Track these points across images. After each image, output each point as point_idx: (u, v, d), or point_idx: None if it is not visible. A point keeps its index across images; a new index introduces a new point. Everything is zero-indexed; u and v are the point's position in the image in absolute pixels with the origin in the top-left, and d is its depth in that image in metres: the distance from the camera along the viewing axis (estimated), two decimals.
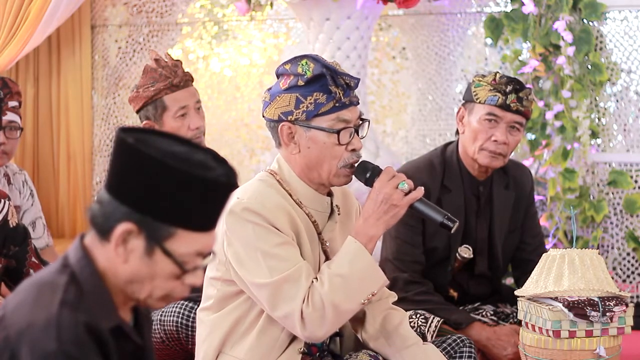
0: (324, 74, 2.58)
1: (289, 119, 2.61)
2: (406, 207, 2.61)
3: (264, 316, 2.62)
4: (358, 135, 2.65)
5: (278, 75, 2.67)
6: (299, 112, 2.60)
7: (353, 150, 2.64)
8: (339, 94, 2.59)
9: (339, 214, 2.75)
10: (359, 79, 2.67)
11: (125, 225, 1.77)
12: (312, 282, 2.56)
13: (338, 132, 2.60)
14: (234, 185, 1.82)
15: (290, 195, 2.65)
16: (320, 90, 2.58)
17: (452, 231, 2.66)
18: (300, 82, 2.59)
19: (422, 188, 2.64)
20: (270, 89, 2.68)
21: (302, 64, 2.61)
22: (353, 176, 2.68)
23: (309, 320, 2.53)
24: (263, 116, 2.68)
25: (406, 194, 2.61)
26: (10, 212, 2.98)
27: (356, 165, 2.67)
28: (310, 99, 2.59)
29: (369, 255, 2.59)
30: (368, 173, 2.66)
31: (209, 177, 1.77)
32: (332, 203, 2.74)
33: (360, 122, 2.66)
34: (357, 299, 2.58)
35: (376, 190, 2.61)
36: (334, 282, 2.54)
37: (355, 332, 2.82)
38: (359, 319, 2.80)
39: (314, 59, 2.61)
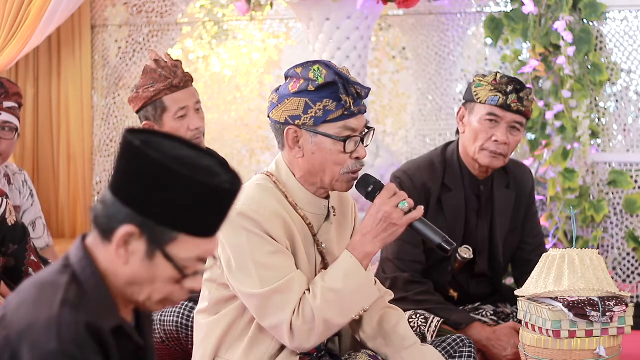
0: (335, 81, 2.57)
1: (296, 123, 2.59)
2: (405, 226, 2.61)
3: (257, 321, 2.62)
4: (363, 143, 2.65)
5: (287, 77, 2.65)
6: (307, 117, 2.58)
7: (357, 158, 2.64)
8: (349, 102, 2.58)
9: (334, 215, 2.75)
10: (369, 89, 2.65)
11: (127, 228, 1.77)
12: (305, 293, 2.55)
13: (344, 140, 2.59)
14: (238, 193, 1.81)
15: (286, 197, 2.64)
16: (331, 97, 2.57)
17: (449, 254, 2.67)
18: (311, 87, 2.57)
19: (422, 208, 2.63)
20: (278, 89, 2.66)
21: (314, 70, 2.59)
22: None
23: (298, 332, 2.54)
24: (269, 117, 2.66)
25: (406, 213, 2.60)
26: (8, 210, 2.98)
27: (359, 177, 2.67)
28: (320, 105, 2.57)
29: (364, 272, 2.59)
30: (370, 187, 2.66)
31: (213, 183, 1.77)
32: (328, 205, 2.74)
33: (366, 130, 2.66)
34: (349, 315, 2.59)
35: (376, 207, 2.61)
36: (326, 296, 2.54)
37: (353, 333, 2.82)
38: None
39: (327, 65, 2.59)
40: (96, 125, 5.84)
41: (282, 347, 2.63)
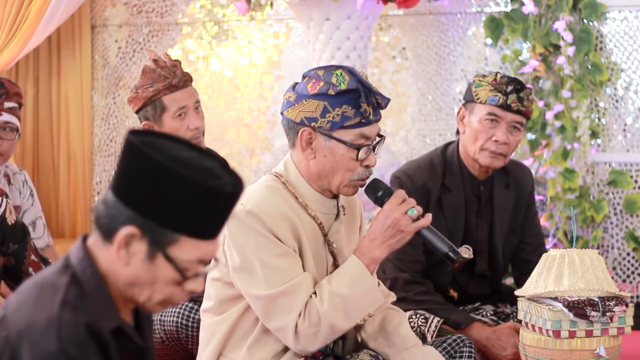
0: (358, 89, 2.57)
1: (312, 125, 2.59)
2: (413, 233, 2.62)
3: (262, 322, 2.63)
4: (374, 152, 2.65)
5: (305, 77, 2.64)
6: (323, 121, 2.58)
7: (367, 166, 2.64)
8: (369, 111, 2.59)
9: (344, 214, 2.75)
10: (389, 99, 2.66)
11: (129, 229, 1.77)
12: (311, 297, 2.56)
13: (359, 148, 2.60)
14: (240, 195, 1.81)
15: (296, 198, 2.65)
16: (350, 104, 2.57)
17: (456, 264, 2.67)
18: (331, 92, 2.57)
19: (430, 215, 2.64)
20: (294, 87, 2.64)
21: (337, 74, 2.58)
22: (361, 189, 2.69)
23: (303, 335, 2.55)
24: (282, 114, 2.66)
25: (414, 221, 2.61)
26: (8, 209, 2.98)
27: (368, 182, 2.67)
28: (338, 111, 2.57)
29: (370, 277, 2.61)
30: (379, 192, 2.67)
31: (215, 185, 1.77)
32: (337, 204, 2.74)
33: (378, 138, 2.66)
34: (354, 319, 2.61)
35: (385, 213, 2.62)
36: (333, 301, 2.55)
37: (356, 332, 2.83)
38: None
39: (350, 71, 2.59)
40: (96, 125, 5.84)
41: (286, 347, 2.64)
